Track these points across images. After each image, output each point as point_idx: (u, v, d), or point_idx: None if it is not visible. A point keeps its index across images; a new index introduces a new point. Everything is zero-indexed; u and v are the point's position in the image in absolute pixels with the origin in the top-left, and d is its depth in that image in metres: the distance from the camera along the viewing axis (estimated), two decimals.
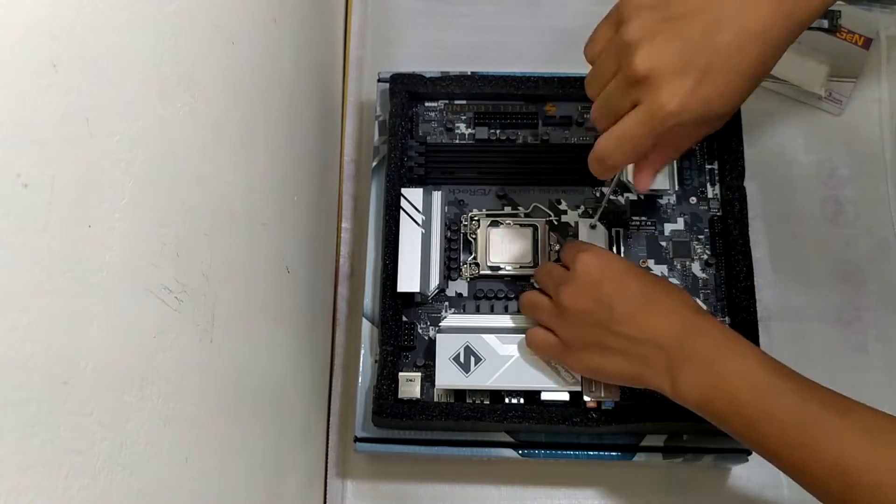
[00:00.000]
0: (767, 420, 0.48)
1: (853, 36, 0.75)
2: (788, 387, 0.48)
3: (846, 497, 0.44)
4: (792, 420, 0.47)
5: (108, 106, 0.33)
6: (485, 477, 0.68)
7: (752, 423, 0.49)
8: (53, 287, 0.29)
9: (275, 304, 0.57)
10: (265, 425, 0.55)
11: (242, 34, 0.49)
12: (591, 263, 0.54)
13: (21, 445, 0.27)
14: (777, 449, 0.48)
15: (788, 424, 0.47)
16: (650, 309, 0.52)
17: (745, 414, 0.49)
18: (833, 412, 0.46)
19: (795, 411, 0.47)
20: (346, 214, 0.76)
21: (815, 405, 0.47)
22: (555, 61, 0.78)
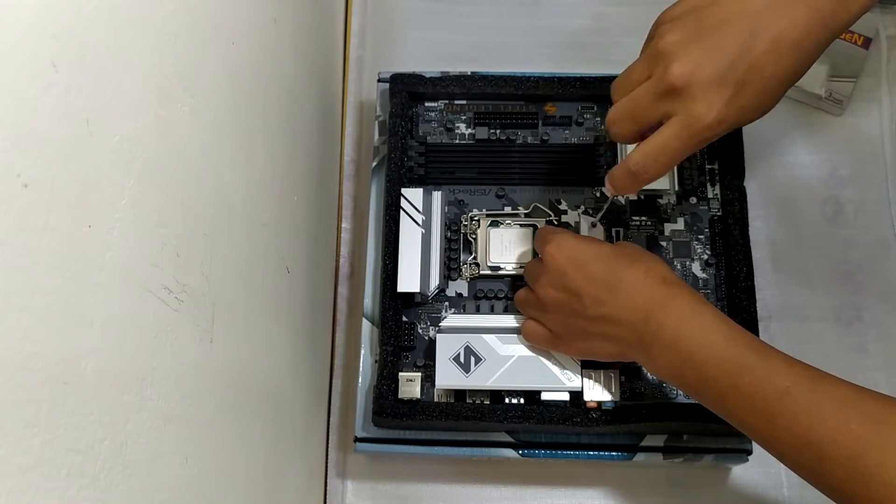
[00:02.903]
0: (735, 394, 0.47)
1: (853, 36, 0.75)
2: (755, 360, 0.47)
3: (818, 468, 0.44)
4: (760, 394, 0.46)
5: (108, 106, 0.33)
6: (485, 477, 0.68)
7: (721, 396, 0.48)
8: (53, 287, 0.29)
9: (275, 304, 0.57)
10: (265, 425, 0.55)
11: (242, 34, 0.49)
12: (555, 254, 0.55)
13: (21, 445, 0.27)
14: (747, 421, 0.48)
15: (757, 398, 0.46)
16: (616, 290, 0.52)
17: (713, 388, 0.48)
18: (803, 385, 0.46)
19: (763, 385, 0.46)
20: (346, 214, 0.76)
21: (783, 378, 0.46)
22: (555, 61, 0.78)
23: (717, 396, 0.49)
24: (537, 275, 0.57)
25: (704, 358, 0.49)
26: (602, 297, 0.52)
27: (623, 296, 0.52)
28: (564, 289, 0.54)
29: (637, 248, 0.56)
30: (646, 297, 0.51)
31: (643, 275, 0.52)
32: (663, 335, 0.50)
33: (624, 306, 0.52)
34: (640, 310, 0.51)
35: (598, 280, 0.53)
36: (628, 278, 0.52)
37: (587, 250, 0.55)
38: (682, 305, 0.50)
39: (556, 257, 0.55)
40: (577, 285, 0.53)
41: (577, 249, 0.55)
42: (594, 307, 0.53)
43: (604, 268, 0.53)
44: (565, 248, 0.55)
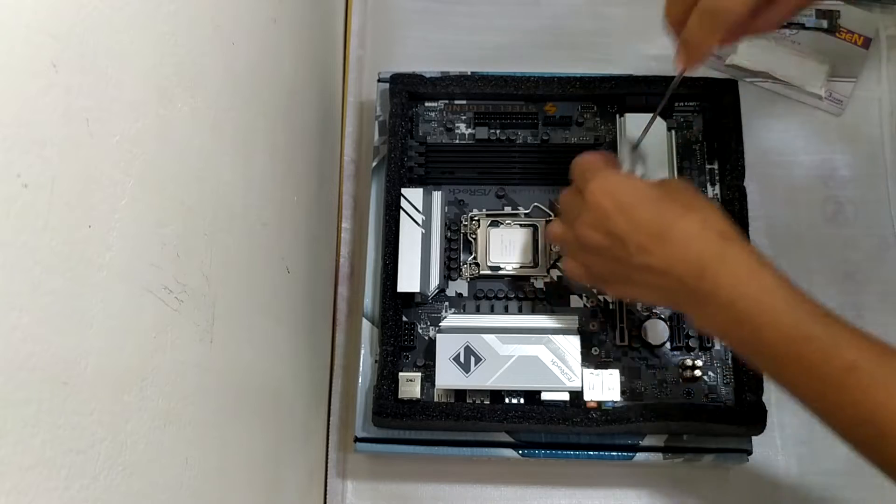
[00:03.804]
0: (795, 364, 0.45)
1: (853, 36, 0.75)
2: (818, 330, 0.44)
3: (878, 445, 0.42)
4: (823, 366, 0.43)
5: (108, 106, 0.33)
6: (485, 477, 0.68)
7: (778, 364, 0.46)
8: (53, 287, 0.29)
9: (275, 304, 0.57)
10: (265, 425, 0.55)
11: (242, 34, 0.49)
12: (598, 193, 0.51)
13: (21, 445, 0.27)
14: (804, 392, 0.45)
15: (818, 370, 0.44)
16: (665, 240, 0.48)
17: (770, 354, 0.46)
18: (870, 359, 0.43)
19: (826, 357, 0.43)
20: (346, 214, 0.76)
21: (848, 351, 0.43)
22: (555, 61, 0.78)
23: (773, 363, 0.46)
24: (576, 212, 0.53)
25: (762, 323, 0.45)
26: (649, 247, 0.48)
27: (673, 247, 0.48)
28: (607, 233, 0.50)
29: (691, 192, 0.51)
30: (699, 251, 0.47)
31: (698, 226, 0.48)
32: (718, 294, 0.46)
33: (674, 259, 0.48)
34: (693, 265, 0.47)
35: (646, 227, 0.49)
36: (681, 228, 0.48)
37: (634, 192, 0.50)
38: (740, 264, 0.47)
39: (600, 198, 0.50)
40: (622, 231, 0.49)
41: (624, 191, 0.50)
42: (640, 255, 0.49)
43: (653, 214, 0.49)
44: (610, 187, 0.51)
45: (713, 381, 0.62)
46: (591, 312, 0.64)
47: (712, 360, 0.63)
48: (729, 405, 0.61)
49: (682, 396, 0.62)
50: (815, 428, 0.68)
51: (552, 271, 0.65)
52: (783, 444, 0.68)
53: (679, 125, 0.68)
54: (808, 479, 0.67)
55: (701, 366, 0.62)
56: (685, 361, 0.62)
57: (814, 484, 0.67)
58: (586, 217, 0.52)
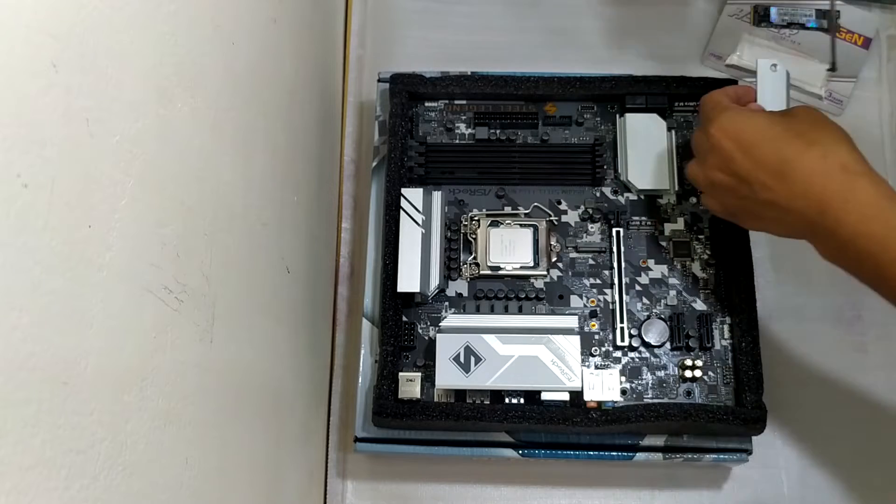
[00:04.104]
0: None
1: (853, 36, 0.75)
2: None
3: None
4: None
5: (108, 106, 0.33)
6: (485, 477, 0.68)
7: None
8: (53, 287, 0.29)
9: (275, 304, 0.57)
10: (265, 425, 0.55)
11: (242, 34, 0.49)
12: (719, 136, 0.52)
13: (21, 445, 0.27)
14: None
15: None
16: (787, 177, 0.49)
17: (888, 280, 0.47)
18: None
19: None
20: (346, 214, 0.76)
21: None
22: (555, 61, 0.78)
23: (892, 292, 0.47)
24: (704, 154, 0.55)
25: (886, 261, 0.46)
26: (771, 185, 0.49)
27: (796, 184, 0.48)
28: (732, 174, 0.52)
29: (816, 119, 0.51)
30: (821, 187, 0.48)
31: (820, 161, 0.48)
32: (840, 231, 0.47)
33: (796, 195, 0.48)
34: (815, 201, 0.48)
35: (768, 165, 0.50)
36: (802, 164, 0.48)
37: (755, 130, 0.51)
38: (864, 200, 0.47)
39: (721, 140, 0.52)
40: (745, 171, 0.51)
41: (745, 129, 0.51)
42: (763, 193, 0.50)
43: (774, 150, 0.50)
44: (731, 128, 0.52)
45: (713, 381, 0.62)
46: (591, 312, 0.64)
47: (712, 360, 0.63)
48: (729, 405, 0.61)
49: (682, 396, 0.62)
50: (816, 428, 0.68)
51: (552, 271, 0.65)
52: (783, 444, 0.68)
53: (679, 125, 0.68)
54: (808, 480, 0.67)
55: (701, 366, 0.62)
56: (685, 361, 0.62)
57: (814, 484, 0.67)
58: (712, 159, 0.54)
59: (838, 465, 0.67)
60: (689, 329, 0.63)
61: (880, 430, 0.68)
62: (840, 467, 0.67)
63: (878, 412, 0.68)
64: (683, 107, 0.68)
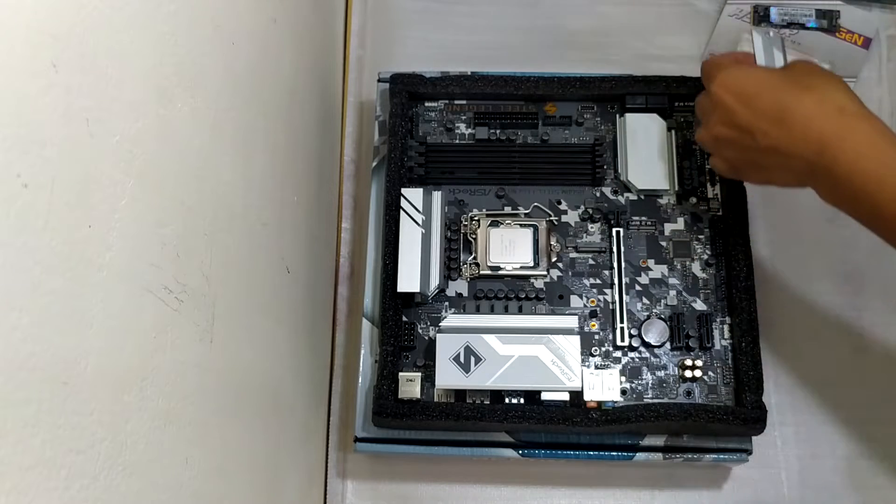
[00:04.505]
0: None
1: (853, 36, 0.75)
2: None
3: None
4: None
5: (108, 106, 0.33)
6: (485, 477, 0.68)
7: (893, 229, 0.48)
8: (53, 287, 0.29)
9: (275, 304, 0.57)
10: (265, 425, 0.55)
11: (242, 34, 0.49)
12: (720, 91, 0.54)
13: (21, 445, 0.27)
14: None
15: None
16: (786, 122, 0.51)
17: (885, 219, 0.48)
18: None
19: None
20: (346, 214, 0.76)
21: None
22: (555, 61, 0.78)
23: (888, 229, 0.48)
24: (708, 113, 0.57)
25: (881, 196, 0.47)
26: (772, 132, 0.51)
27: (794, 128, 0.50)
28: (734, 126, 0.54)
29: (811, 70, 0.53)
30: (819, 129, 0.49)
31: (816, 105, 0.50)
32: (836, 170, 0.48)
33: (796, 139, 0.50)
34: (814, 142, 0.49)
35: (767, 113, 0.52)
36: (800, 109, 0.50)
37: (754, 82, 0.53)
38: (859, 139, 0.48)
39: (722, 95, 0.54)
40: (746, 121, 0.53)
41: (743, 83, 0.53)
42: (765, 140, 0.52)
43: (772, 99, 0.52)
44: (731, 83, 0.54)
45: (713, 381, 0.62)
46: (591, 312, 0.64)
47: (712, 360, 0.63)
48: (729, 405, 0.61)
49: (682, 396, 0.62)
50: (816, 428, 0.68)
51: (552, 271, 0.65)
52: (783, 444, 0.68)
53: (679, 125, 0.68)
54: (808, 480, 0.67)
55: (701, 366, 0.62)
56: (685, 361, 0.62)
57: (814, 484, 0.67)
58: (715, 116, 0.55)
59: (838, 465, 0.67)
60: (689, 329, 0.63)
61: (880, 430, 0.68)
62: (840, 467, 0.67)
63: (877, 412, 0.68)
64: (683, 107, 0.68)
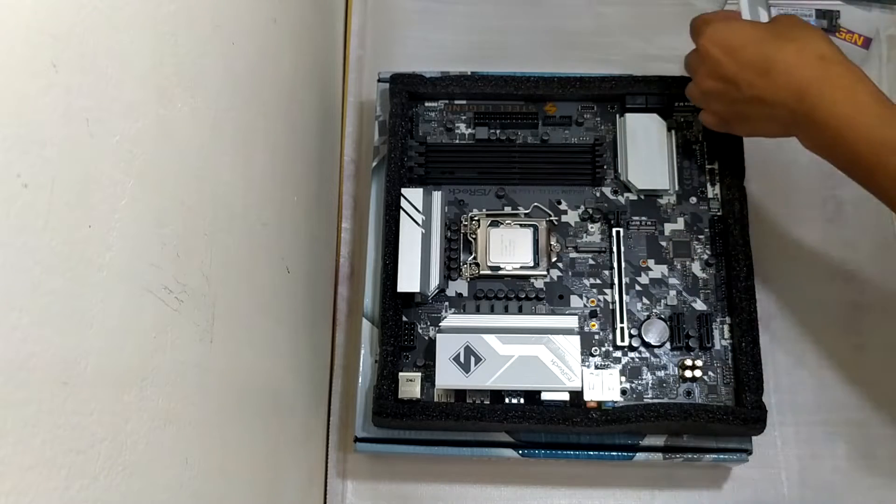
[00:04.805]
0: (884, 171, 0.49)
1: (853, 36, 0.75)
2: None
3: None
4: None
5: (108, 106, 0.33)
6: (485, 477, 0.68)
7: (869, 173, 0.50)
8: (53, 287, 0.29)
9: (275, 304, 0.57)
10: (265, 425, 0.55)
11: (242, 34, 0.49)
12: (707, 45, 0.56)
13: (21, 445, 0.27)
14: (893, 197, 0.50)
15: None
16: (769, 72, 0.53)
17: (863, 166, 0.51)
18: None
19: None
20: (346, 214, 0.76)
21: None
22: (555, 61, 0.78)
23: (866, 174, 0.51)
24: (696, 66, 0.58)
25: (855, 138, 0.50)
26: (756, 82, 0.53)
27: (777, 77, 0.52)
28: (721, 77, 0.56)
29: (794, 23, 0.55)
30: (799, 77, 0.52)
31: (797, 54, 0.52)
32: (815, 115, 0.51)
33: (778, 87, 0.52)
34: (794, 90, 0.52)
35: (752, 64, 0.54)
36: (782, 59, 0.52)
37: (739, 35, 0.55)
38: (836, 85, 0.51)
39: (709, 48, 0.56)
40: (733, 73, 0.55)
41: (729, 36, 0.55)
42: (750, 90, 0.54)
43: (757, 51, 0.54)
44: (717, 37, 0.56)
45: (713, 381, 0.62)
46: (591, 312, 0.64)
47: (712, 360, 0.63)
48: (729, 405, 0.61)
49: (682, 396, 0.62)
50: (816, 428, 0.68)
51: (552, 271, 0.65)
52: (783, 444, 0.68)
53: (679, 125, 0.68)
54: (808, 480, 0.67)
55: (701, 366, 0.62)
56: (685, 361, 0.62)
57: (814, 484, 0.67)
58: (703, 69, 0.58)
59: (838, 465, 0.67)
60: (689, 329, 0.63)
61: (880, 430, 0.68)
62: (840, 467, 0.67)
63: (877, 412, 0.68)
64: (683, 107, 0.68)
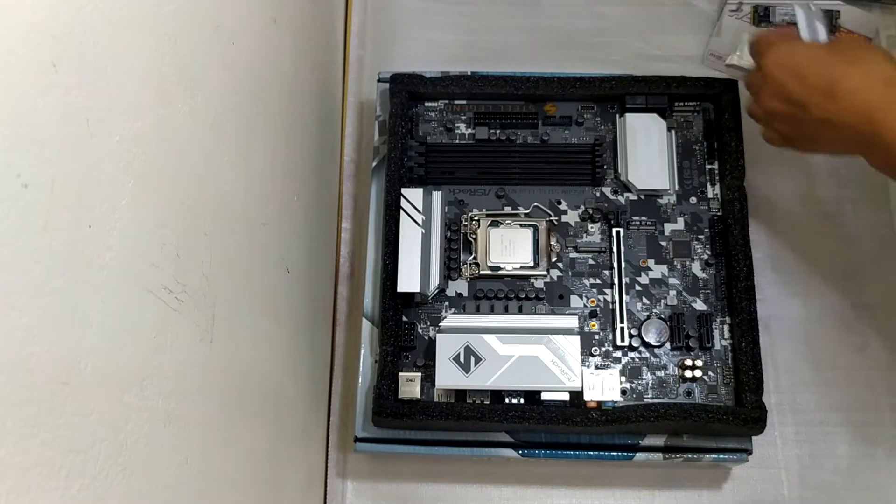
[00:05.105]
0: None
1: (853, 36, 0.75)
2: None
3: None
4: None
5: (108, 106, 0.33)
6: (485, 477, 0.68)
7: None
8: (53, 287, 0.29)
9: (275, 304, 0.57)
10: (265, 425, 0.55)
11: (242, 34, 0.49)
12: (771, 67, 0.57)
13: (21, 445, 0.27)
14: None
15: None
16: (835, 95, 0.54)
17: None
18: None
19: None
20: (346, 214, 0.76)
21: None
22: (555, 61, 0.78)
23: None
24: (759, 87, 0.59)
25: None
26: (823, 104, 0.54)
27: (844, 101, 0.53)
28: (787, 100, 0.57)
29: (859, 45, 0.57)
30: (866, 100, 0.53)
31: (864, 77, 0.53)
32: (883, 138, 0.52)
33: (846, 110, 0.53)
34: (862, 114, 0.53)
35: (818, 88, 0.55)
36: (847, 82, 0.53)
37: (802, 57, 0.56)
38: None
39: (774, 70, 0.57)
40: (798, 96, 0.56)
41: (794, 59, 0.56)
42: (817, 113, 0.55)
43: (821, 73, 0.55)
44: (782, 59, 0.57)
45: (713, 381, 0.62)
46: (591, 312, 0.64)
47: (712, 360, 0.63)
48: (729, 405, 0.61)
49: (682, 396, 0.62)
50: (816, 428, 0.68)
51: (552, 271, 0.65)
52: (783, 444, 0.68)
53: (679, 125, 0.68)
54: (808, 480, 0.67)
55: (701, 366, 0.62)
56: (685, 361, 0.62)
57: (814, 484, 0.67)
58: (767, 90, 0.58)
59: (838, 465, 0.67)
60: (689, 329, 0.63)
61: (880, 430, 0.68)
62: (840, 467, 0.67)
63: (877, 412, 0.68)
64: (683, 107, 0.68)
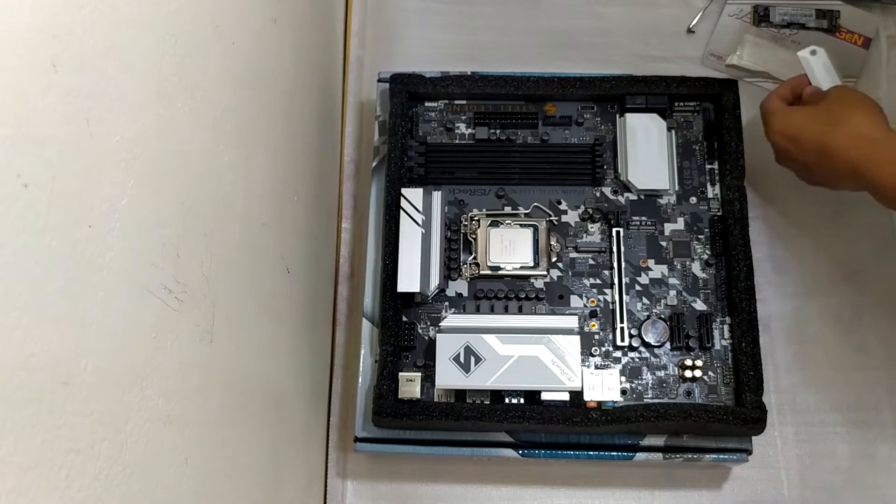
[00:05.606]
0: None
1: (853, 36, 0.75)
2: None
3: None
4: None
5: (108, 106, 0.33)
6: (485, 477, 0.68)
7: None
8: (53, 287, 0.29)
9: (275, 304, 0.57)
10: (265, 425, 0.55)
11: (242, 34, 0.49)
12: (775, 137, 0.64)
13: (21, 445, 0.27)
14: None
15: None
16: (828, 156, 0.60)
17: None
18: None
19: None
20: (346, 214, 0.76)
21: None
22: (555, 61, 0.78)
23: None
24: (773, 149, 0.66)
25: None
26: (821, 161, 0.61)
27: (834, 160, 0.60)
28: (791, 161, 0.64)
29: (842, 100, 0.62)
30: (849, 159, 0.59)
31: (845, 137, 0.60)
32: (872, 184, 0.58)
33: (837, 166, 0.60)
34: (850, 167, 0.59)
35: (812, 149, 0.62)
36: (834, 142, 0.60)
37: (796, 125, 0.63)
38: (882, 161, 0.57)
39: (776, 139, 0.64)
40: (800, 158, 0.63)
41: (789, 127, 0.63)
42: (819, 168, 0.62)
43: (813, 136, 0.61)
44: (777, 128, 0.64)
45: (713, 381, 0.62)
46: (591, 312, 0.64)
47: (712, 360, 0.63)
48: (729, 405, 0.61)
49: (682, 396, 0.62)
50: (816, 428, 0.68)
51: (552, 271, 0.65)
52: (783, 444, 0.68)
53: (679, 125, 0.68)
54: (808, 480, 0.67)
55: (701, 366, 0.62)
56: (685, 361, 0.62)
57: (814, 484, 0.67)
58: (778, 154, 0.66)
59: (838, 465, 0.67)
60: (689, 329, 0.63)
61: (880, 430, 0.68)
62: (840, 467, 0.67)
63: (878, 412, 0.68)
64: (683, 107, 0.68)
